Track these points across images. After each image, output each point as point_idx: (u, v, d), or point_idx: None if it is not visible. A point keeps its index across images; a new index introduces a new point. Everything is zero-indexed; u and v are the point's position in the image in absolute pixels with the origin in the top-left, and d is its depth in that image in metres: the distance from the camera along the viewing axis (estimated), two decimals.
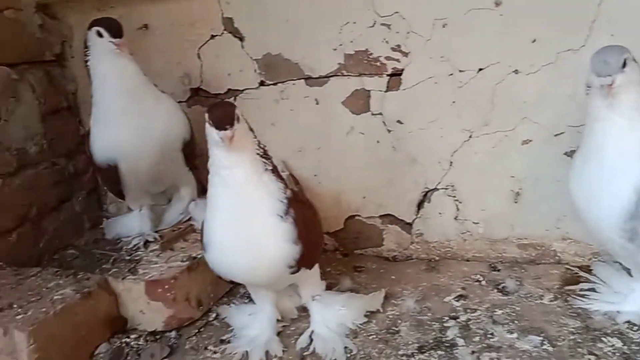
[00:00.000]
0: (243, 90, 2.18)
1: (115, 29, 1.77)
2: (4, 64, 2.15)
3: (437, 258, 2.07)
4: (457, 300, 1.80)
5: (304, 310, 1.76)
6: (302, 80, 2.09)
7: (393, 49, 1.92)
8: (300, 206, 1.58)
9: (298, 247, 1.51)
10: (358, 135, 2.05)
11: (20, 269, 1.89)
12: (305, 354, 1.61)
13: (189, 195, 2.12)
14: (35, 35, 2.29)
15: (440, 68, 1.87)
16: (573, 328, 1.60)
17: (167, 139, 1.90)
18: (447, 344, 1.59)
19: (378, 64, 1.95)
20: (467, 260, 2.03)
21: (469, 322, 1.68)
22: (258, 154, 1.52)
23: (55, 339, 1.58)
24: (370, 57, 1.95)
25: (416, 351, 1.58)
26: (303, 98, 2.10)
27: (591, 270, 1.81)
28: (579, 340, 1.54)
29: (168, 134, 1.90)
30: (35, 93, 2.27)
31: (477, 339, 1.60)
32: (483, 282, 1.88)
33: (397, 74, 1.94)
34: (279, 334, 1.70)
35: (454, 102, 1.89)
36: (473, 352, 1.54)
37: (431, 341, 1.61)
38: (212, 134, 1.44)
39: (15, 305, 1.62)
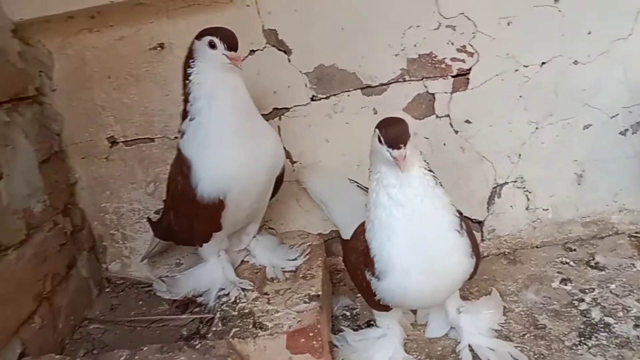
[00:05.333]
0: (290, 108, 2.00)
1: (231, 41, 1.49)
2: None
3: (508, 251, 2.10)
4: (565, 285, 1.85)
5: None
6: (358, 91, 1.99)
7: (458, 50, 1.93)
8: (464, 217, 1.52)
9: (473, 260, 1.49)
10: (422, 140, 2.01)
11: (101, 356, 1.48)
12: None
13: (253, 231, 1.86)
14: (16, 66, 1.80)
15: (506, 65, 1.93)
16: None
17: (273, 165, 1.66)
18: (601, 325, 1.64)
19: (443, 65, 1.94)
20: (537, 247, 2.10)
21: (598, 301, 1.74)
22: (426, 168, 1.43)
23: None
24: (435, 59, 1.94)
25: (580, 340, 1.59)
26: (360, 109, 2.00)
27: None
28: None
29: (275, 160, 1.66)
30: (28, 138, 1.80)
31: (620, 313, 1.67)
32: (572, 263, 1.96)
33: (462, 74, 1.95)
34: None
35: (520, 96, 1.96)
36: (636, 326, 1.61)
37: (583, 326, 1.65)
38: (384, 152, 1.36)
39: None
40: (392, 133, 1.33)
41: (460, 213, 1.50)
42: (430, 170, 1.44)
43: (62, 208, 1.94)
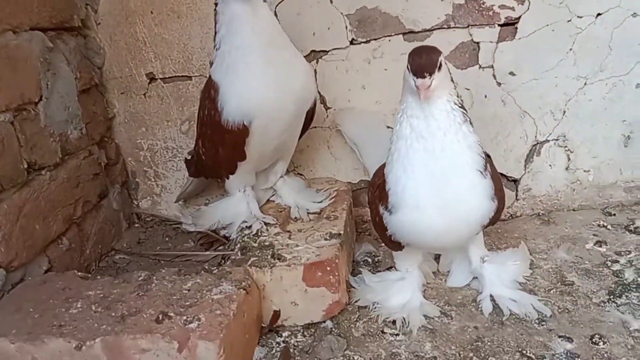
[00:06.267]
0: (329, 51, 1.96)
1: None
2: (36, 28, 1.71)
3: (543, 212, 2.03)
4: (600, 247, 1.78)
5: None
6: (400, 36, 1.93)
7: None
8: (489, 160, 1.46)
9: (495, 204, 1.43)
10: (462, 91, 1.91)
11: (121, 275, 1.51)
12: (503, 319, 1.48)
13: (281, 170, 1.86)
14: None
15: (558, 15, 1.83)
16: None
17: (303, 95, 1.64)
18: (634, 285, 1.57)
19: (490, 13, 1.86)
20: (574, 210, 2.01)
21: (633, 263, 1.67)
22: (456, 103, 1.38)
23: (234, 345, 1.28)
24: (483, 6, 1.86)
25: (610, 297, 1.53)
26: (400, 55, 1.93)
27: None
28: None
29: (304, 90, 1.64)
30: (70, 66, 1.85)
31: None
32: (609, 227, 1.88)
33: (510, 23, 1.86)
34: None
35: (570, 49, 1.86)
36: None
37: (614, 285, 1.58)
38: (409, 80, 1.33)
39: (171, 314, 1.28)
40: (418, 61, 1.30)
41: (487, 155, 1.45)
42: (461, 107, 1.38)
43: (98, 140, 2.00)
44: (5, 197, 1.50)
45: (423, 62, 1.29)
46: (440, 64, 1.31)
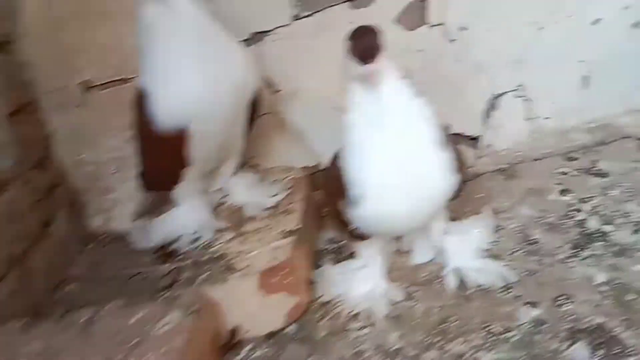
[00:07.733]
0: (271, 30, 1.85)
1: None
2: None
3: (506, 166, 1.96)
4: (564, 195, 1.73)
5: None
6: (345, 5, 1.82)
7: None
8: (448, 130, 1.40)
9: (458, 176, 1.36)
10: (415, 54, 1.83)
11: (65, 316, 1.42)
12: (469, 292, 1.45)
13: (231, 169, 1.77)
14: None
15: None
16: None
17: (242, 89, 1.53)
18: (597, 235, 1.54)
19: None
20: (538, 160, 1.95)
21: (597, 210, 1.63)
22: (402, 79, 1.29)
23: None
24: None
25: (575, 251, 1.49)
26: (348, 24, 1.80)
27: None
28: None
29: (244, 83, 1.53)
30: None
31: (619, 220, 1.57)
32: (574, 172, 1.83)
33: None
34: None
35: None
36: (636, 231, 1.50)
37: (578, 237, 1.54)
38: (354, 68, 1.21)
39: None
40: (362, 46, 1.20)
41: (445, 126, 1.39)
42: (407, 81, 1.30)
43: (36, 163, 1.85)
44: None
45: (366, 47, 1.20)
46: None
